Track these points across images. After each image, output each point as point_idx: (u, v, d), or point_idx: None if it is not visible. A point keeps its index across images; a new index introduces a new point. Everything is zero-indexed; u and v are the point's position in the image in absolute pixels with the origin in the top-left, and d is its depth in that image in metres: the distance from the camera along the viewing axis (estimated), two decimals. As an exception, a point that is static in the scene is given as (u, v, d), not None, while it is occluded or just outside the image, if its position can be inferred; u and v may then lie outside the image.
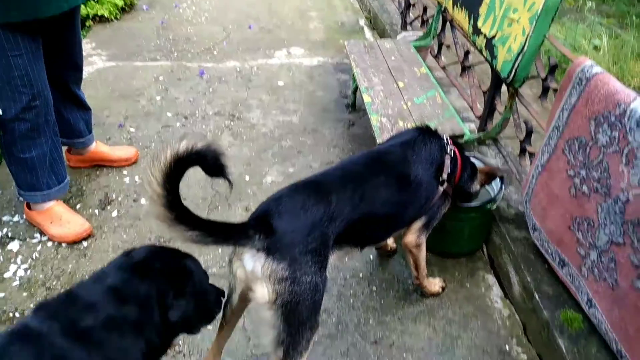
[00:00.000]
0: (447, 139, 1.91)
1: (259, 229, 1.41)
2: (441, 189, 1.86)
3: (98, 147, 2.79)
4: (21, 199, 2.41)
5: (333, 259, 1.60)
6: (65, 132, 2.59)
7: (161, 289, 1.28)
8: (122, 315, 1.19)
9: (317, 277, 1.43)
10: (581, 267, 1.81)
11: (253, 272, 1.41)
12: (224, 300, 1.58)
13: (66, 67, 2.39)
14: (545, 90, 2.28)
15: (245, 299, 1.55)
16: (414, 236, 1.93)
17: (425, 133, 1.88)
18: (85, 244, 2.35)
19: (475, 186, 2.08)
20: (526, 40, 2.16)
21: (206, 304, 1.45)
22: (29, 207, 2.40)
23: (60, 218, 2.38)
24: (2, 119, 2.11)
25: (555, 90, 2.11)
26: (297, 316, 1.41)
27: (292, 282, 1.38)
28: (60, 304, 1.19)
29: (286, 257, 1.39)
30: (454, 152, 1.93)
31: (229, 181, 1.34)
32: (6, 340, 1.10)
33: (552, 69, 2.23)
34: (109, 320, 1.16)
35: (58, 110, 2.41)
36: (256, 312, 1.47)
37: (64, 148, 2.66)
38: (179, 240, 1.32)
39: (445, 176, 1.85)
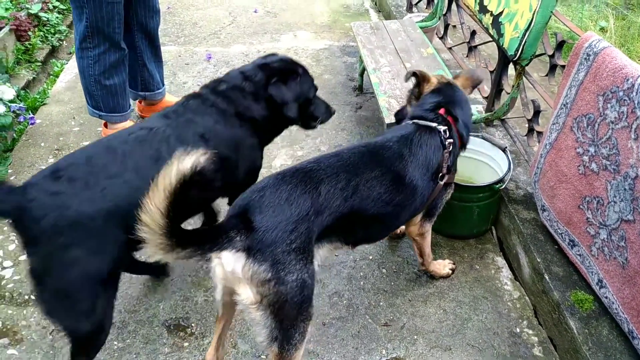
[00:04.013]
0: (443, 130, 1.73)
1: (239, 227, 1.33)
2: (442, 183, 1.75)
3: (168, 97, 3.13)
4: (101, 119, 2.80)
5: (323, 252, 1.54)
6: (147, 84, 2.94)
7: (270, 75, 1.87)
8: (243, 86, 1.87)
9: (303, 274, 1.36)
10: (591, 247, 1.80)
11: (233, 272, 1.34)
12: (333, 110, 2.16)
13: (149, 12, 2.71)
14: (552, 68, 2.24)
15: (230, 296, 1.45)
16: (417, 226, 1.90)
17: (421, 128, 1.73)
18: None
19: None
20: (533, 16, 2.12)
21: (310, 105, 2.04)
22: (106, 126, 2.80)
23: None
24: (95, 53, 2.49)
25: (562, 68, 2.07)
26: (287, 313, 1.36)
27: (276, 282, 1.32)
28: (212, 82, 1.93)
29: (268, 258, 1.31)
30: (451, 127, 1.77)
31: None
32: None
33: (560, 45, 2.19)
34: (238, 88, 1.86)
35: (143, 62, 2.85)
36: (244, 312, 1.43)
37: (137, 101, 3.10)
38: (166, 260, 1.24)
39: (445, 170, 1.74)
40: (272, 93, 1.86)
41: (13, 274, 2.16)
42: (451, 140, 1.74)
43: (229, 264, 1.34)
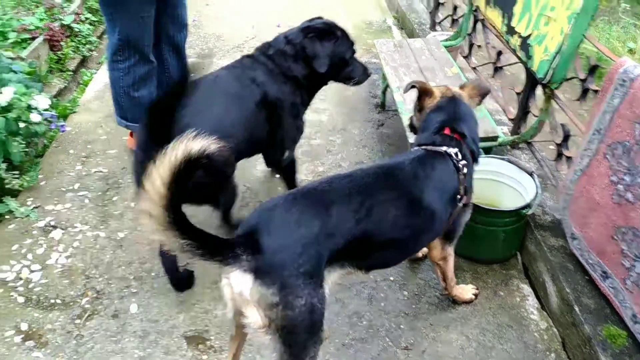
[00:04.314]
0: (454, 154, 1.70)
1: (247, 247, 1.31)
2: (460, 205, 1.71)
3: None
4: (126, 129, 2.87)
5: (334, 277, 1.51)
6: None
7: (308, 32, 2.16)
8: (285, 49, 2.16)
9: (312, 298, 1.34)
10: (625, 280, 1.74)
11: (241, 294, 1.33)
12: (370, 73, 2.39)
13: (178, 26, 2.77)
14: (584, 92, 2.20)
15: (241, 317, 1.43)
16: (438, 250, 1.86)
17: (431, 153, 1.69)
18: (121, 235, 2.41)
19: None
20: (564, 39, 2.09)
21: (347, 66, 2.28)
22: (131, 136, 2.90)
23: None
24: (126, 65, 2.55)
25: (595, 92, 2.04)
26: (296, 338, 1.35)
27: (284, 307, 1.30)
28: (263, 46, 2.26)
29: (276, 281, 1.29)
30: (461, 146, 1.74)
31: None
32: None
33: (592, 70, 2.15)
34: (281, 51, 2.16)
35: (169, 75, 2.86)
36: (253, 335, 1.42)
37: None
38: (166, 246, 1.25)
39: (463, 191, 1.70)
40: (306, 46, 2.13)
41: (40, 278, 2.19)
42: (464, 162, 1.70)
43: (237, 285, 1.33)
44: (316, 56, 2.15)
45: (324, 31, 2.20)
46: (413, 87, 1.85)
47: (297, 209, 1.39)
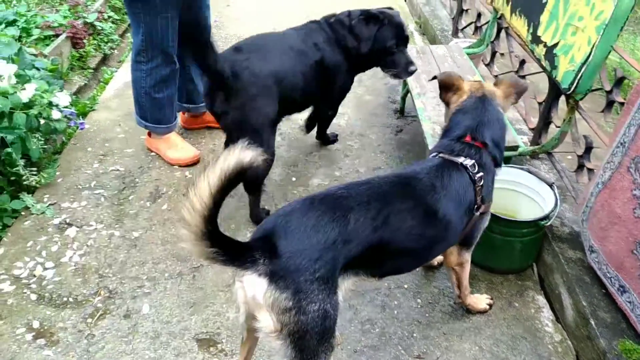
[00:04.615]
0: (471, 165, 1.66)
1: (263, 251, 1.32)
2: (477, 214, 1.70)
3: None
4: (143, 130, 2.94)
5: (348, 284, 1.50)
6: (193, 97, 3.01)
7: (361, 15, 2.48)
8: (344, 20, 2.49)
9: (325, 304, 1.34)
10: (646, 296, 1.70)
11: (254, 298, 1.33)
12: (413, 70, 2.57)
13: (199, 29, 2.79)
14: (609, 104, 2.16)
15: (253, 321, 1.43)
16: (455, 256, 1.84)
17: (448, 162, 1.67)
18: (136, 234, 2.43)
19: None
20: (592, 50, 2.05)
21: (389, 55, 2.52)
22: (149, 135, 2.94)
23: (177, 145, 2.91)
24: (149, 67, 2.60)
25: (621, 104, 2.00)
26: (308, 344, 1.34)
27: (297, 312, 1.30)
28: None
29: (290, 286, 1.29)
30: (482, 155, 1.70)
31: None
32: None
33: (619, 82, 2.11)
34: (340, 21, 2.51)
35: (190, 76, 2.92)
36: (264, 339, 1.43)
37: (181, 113, 3.17)
38: (192, 254, 1.25)
39: (479, 200, 1.67)
40: (355, 25, 2.46)
41: (54, 275, 2.21)
42: (481, 174, 1.67)
43: (250, 288, 1.33)
44: (361, 37, 2.44)
45: (372, 16, 2.47)
46: (434, 78, 1.84)
47: (314, 214, 1.39)
